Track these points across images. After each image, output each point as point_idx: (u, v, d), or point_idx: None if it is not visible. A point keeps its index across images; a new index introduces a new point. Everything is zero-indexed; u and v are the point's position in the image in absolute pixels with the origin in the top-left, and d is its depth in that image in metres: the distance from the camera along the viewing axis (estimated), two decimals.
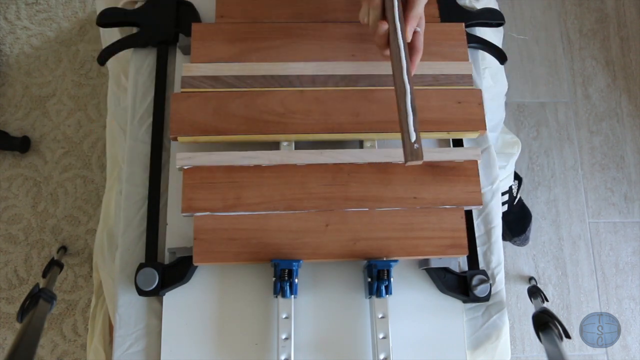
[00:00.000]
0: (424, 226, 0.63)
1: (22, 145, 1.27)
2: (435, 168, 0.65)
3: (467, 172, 0.65)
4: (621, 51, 1.51)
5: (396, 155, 0.64)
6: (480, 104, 0.67)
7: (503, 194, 1.10)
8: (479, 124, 0.66)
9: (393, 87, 0.66)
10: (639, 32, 1.53)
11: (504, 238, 1.29)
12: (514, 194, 1.22)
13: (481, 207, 0.66)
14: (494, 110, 0.85)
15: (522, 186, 1.30)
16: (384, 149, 0.65)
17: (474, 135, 0.68)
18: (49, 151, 1.30)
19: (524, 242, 1.31)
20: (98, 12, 0.72)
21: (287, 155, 0.63)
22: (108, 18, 0.71)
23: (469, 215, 0.67)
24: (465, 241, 0.64)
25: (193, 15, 0.72)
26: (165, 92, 0.70)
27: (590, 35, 1.52)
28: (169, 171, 0.68)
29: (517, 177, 1.23)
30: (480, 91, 0.67)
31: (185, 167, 0.62)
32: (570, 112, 1.45)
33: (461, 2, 0.76)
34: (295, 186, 0.63)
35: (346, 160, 0.63)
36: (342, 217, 0.63)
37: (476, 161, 0.65)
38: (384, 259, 0.62)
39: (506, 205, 1.15)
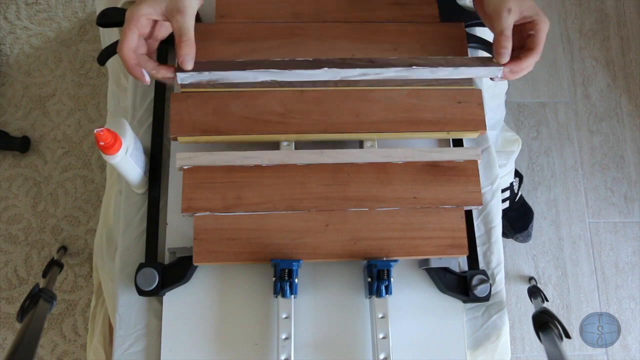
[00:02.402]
0: (423, 226, 0.63)
1: (22, 145, 1.27)
2: (435, 168, 0.65)
3: (467, 172, 0.65)
4: (621, 51, 1.51)
5: (396, 155, 0.64)
6: (480, 104, 0.67)
7: (504, 190, 1.10)
8: (479, 124, 0.66)
9: (392, 87, 0.66)
10: (639, 32, 1.53)
11: (507, 235, 1.29)
12: (515, 191, 1.22)
13: (481, 207, 0.66)
14: (494, 108, 0.85)
15: (522, 184, 1.29)
16: (384, 149, 0.64)
17: (474, 135, 0.68)
18: (49, 151, 1.30)
19: (526, 239, 1.30)
20: (98, 12, 0.72)
21: (287, 155, 0.63)
22: (108, 18, 0.71)
23: (469, 215, 0.67)
24: (465, 241, 0.64)
25: None
26: (165, 92, 0.70)
27: (590, 35, 1.52)
28: (169, 171, 0.68)
29: (517, 174, 1.23)
30: (480, 91, 0.67)
31: (185, 167, 0.62)
32: (570, 112, 1.45)
33: (461, 2, 0.76)
34: (295, 186, 0.63)
35: (346, 160, 0.63)
36: (342, 217, 0.63)
37: (476, 161, 0.65)
38: (384, 259, 0.62)
39: (507, 202, 1.15)
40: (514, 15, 0.61)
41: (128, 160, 0.60)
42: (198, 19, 0.71)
